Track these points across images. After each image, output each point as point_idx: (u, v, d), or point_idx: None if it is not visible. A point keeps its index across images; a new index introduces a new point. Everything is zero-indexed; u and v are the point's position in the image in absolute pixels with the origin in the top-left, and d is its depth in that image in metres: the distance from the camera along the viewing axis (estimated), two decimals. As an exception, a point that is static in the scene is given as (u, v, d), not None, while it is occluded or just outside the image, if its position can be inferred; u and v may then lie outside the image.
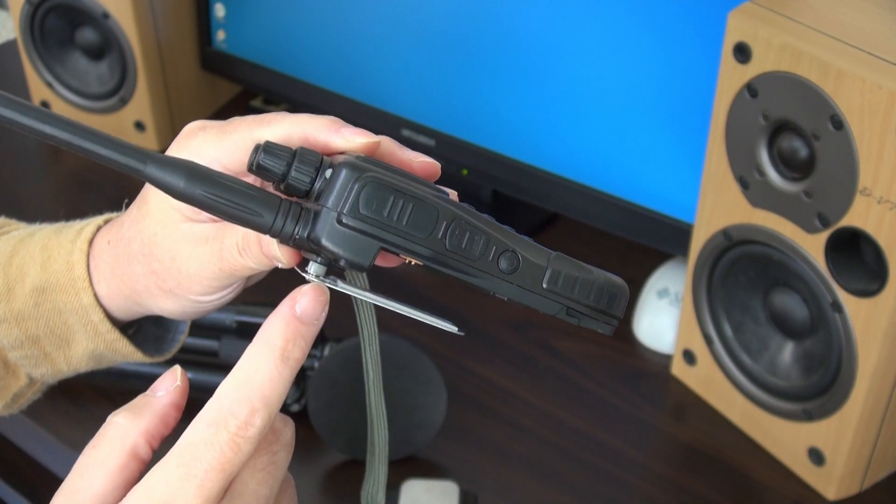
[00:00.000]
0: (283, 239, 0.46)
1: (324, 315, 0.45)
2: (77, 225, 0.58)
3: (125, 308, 0.56)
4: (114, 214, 0.58)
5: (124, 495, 0.42)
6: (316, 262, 0.47)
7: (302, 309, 0.44)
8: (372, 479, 0.59)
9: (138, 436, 0.45)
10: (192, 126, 0.51)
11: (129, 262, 0.54)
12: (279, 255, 0.48)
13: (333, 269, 0.47)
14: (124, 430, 0.44)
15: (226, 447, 0.44)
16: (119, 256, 0.54)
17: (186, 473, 0.43)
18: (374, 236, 0.45)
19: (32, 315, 0.57)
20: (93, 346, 0.58)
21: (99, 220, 0.58)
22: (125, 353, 0.58)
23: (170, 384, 0.48)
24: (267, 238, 0.48)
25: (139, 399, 0.46)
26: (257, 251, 0.49)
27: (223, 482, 0.43)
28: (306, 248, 0.47)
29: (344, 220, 0.44)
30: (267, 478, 0.45)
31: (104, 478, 0.43)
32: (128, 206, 0.57)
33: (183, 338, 0.63)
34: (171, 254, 0.52)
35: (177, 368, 0.48)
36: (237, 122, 0.49)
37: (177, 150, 0.50)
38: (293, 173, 0.45)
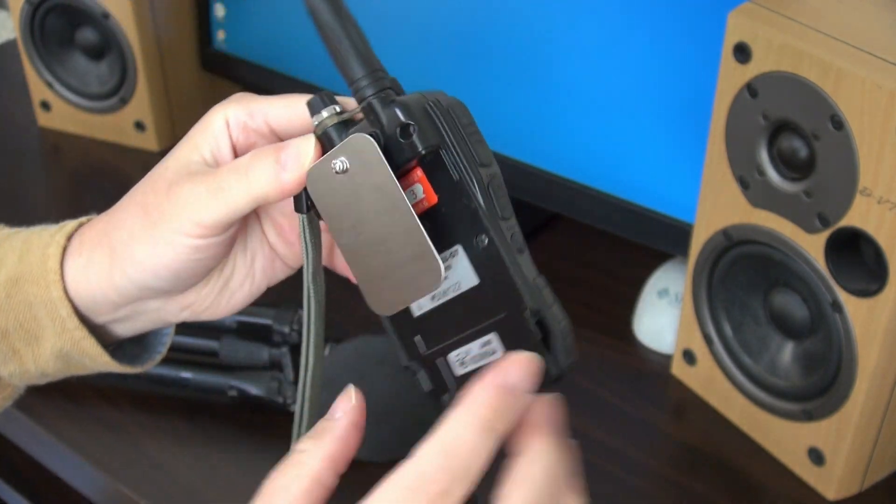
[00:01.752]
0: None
1: (535, 386, 0.45)
2: (66, 223, 0.57)
3: (96, 292, 0.54)
4: (95, 216, 0.58)
5: None
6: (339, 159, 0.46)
7: (511, 380, 0.44)
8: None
9: (321, 461, 0.45)
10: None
11: (122, 212, 0.53)
12: (308, 148, 0.47)
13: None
14: (307, 455, 0.45)
15: None
16: (112, 218, 0.54)
17: None
18: (448, 130, 0.46)
19: (3, 307, 0.56)
20: (60, 344, 0.56)
21: (83, 218, 0.57)
22: (92, 353, 0.56)
23: (346, 405, 0.47)
24: (295, 143, 0.48)
25: (319, 424, 0.46)
26: (270, 162, 0.48)
27: None
28: (369, 118, 0.47)
29: (429, 105, 0.46)
30: None
31: None
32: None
33: (159, 357, 0.61)
34: (169, 182, 0.51)
35: (350, 388, 0.47)
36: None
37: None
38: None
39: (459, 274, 0.47)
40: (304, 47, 1.13)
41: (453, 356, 0.49)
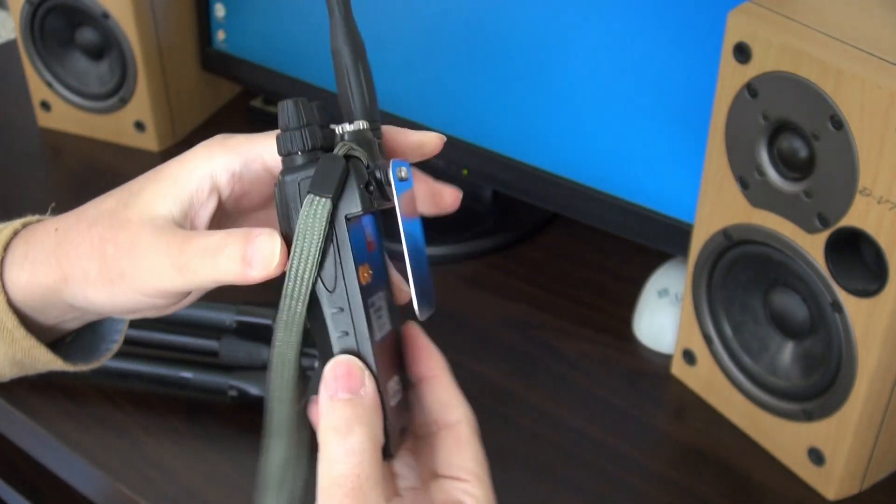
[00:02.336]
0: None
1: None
2: (2, 227, 0.56)
3: (42, 302, 0.54)
4: (34, 217, 0.56)
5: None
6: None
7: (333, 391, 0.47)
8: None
9: (381, 437, 0.47)
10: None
11: (77, 246, 0.51)
12: (274, 249, 0.47)
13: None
14: (374, 442, 0.46)
15: None
16: (64, 242, 0.52)
17: None
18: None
19: None
20: (11, 352, 0.55)
21: (17, 223, 0.56)
22: (44, 360, 0.56)
23: (356, 382, 0.47)
24: (260, 234, 0.47)
25: (355, 409, 0.46)
26: (237, 257, 0.48)
27: None
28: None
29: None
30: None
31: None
32: (53, 210, 0.57)
33: (116, 347, 0.60)
34: (132, 237, 0.50)
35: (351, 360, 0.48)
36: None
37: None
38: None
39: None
40: (304, 47, 1.13)
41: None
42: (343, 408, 0.45)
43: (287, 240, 0.48)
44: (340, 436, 0.45)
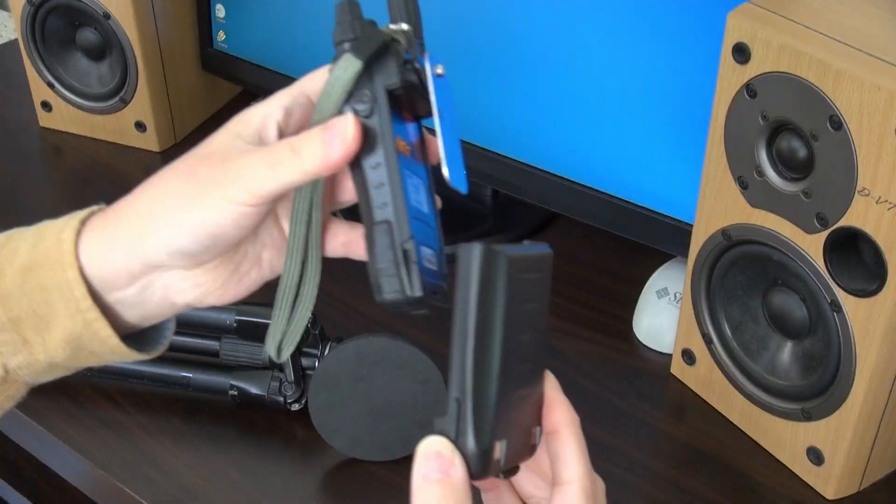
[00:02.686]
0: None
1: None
2: (77, 212, 0.59)
3: (123, 261, 0.56)
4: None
5: None
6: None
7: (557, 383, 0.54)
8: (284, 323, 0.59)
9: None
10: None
11: (157, 186, 0.55)
12: (347, 124, 0.52)
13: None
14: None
15: None
16: (147, 188, 0.56)
17: None
18: None
19: (17, 294, 0.56)
20: (71, 327, 0.56)
21: (94, 207, 0.59)
22: (102, 335, 0.57)
23: (451, 458, 0.48)
24: (340, 121, 0.53)
25: (444, 489, 0.47)
26: (318, 142, 0.52)
27: None
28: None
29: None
30: None
31: None
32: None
33: (169, 336, 0.63)
34: (220, 158, 0.54)
35: (441, 441, 0.49)
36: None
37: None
38: None
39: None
40: (305, 47, 1.13)
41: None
42: (432, 488, 0.47)
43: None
44: None
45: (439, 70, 0.55)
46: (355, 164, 0.54)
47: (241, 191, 0.53)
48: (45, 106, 1.24)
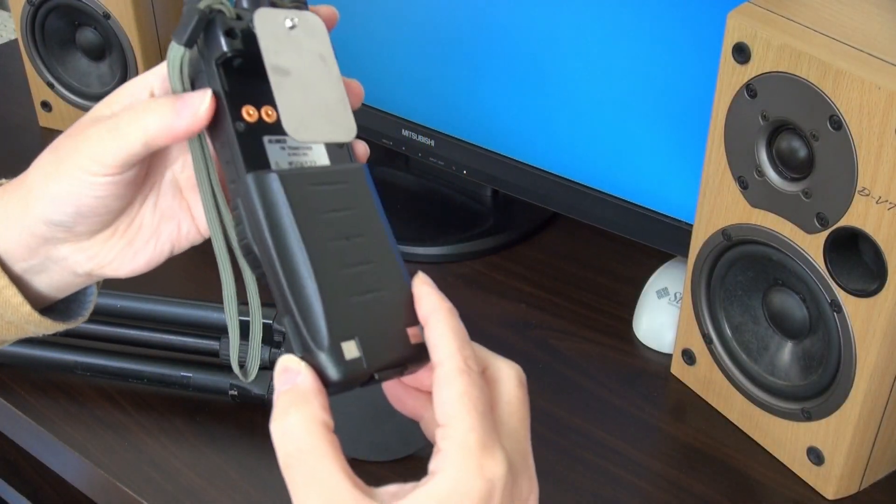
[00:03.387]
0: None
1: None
2: None
3: (16, 233, 0.57)
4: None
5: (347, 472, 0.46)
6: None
7: (425, 278, 0.52)
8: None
9: (323, 414, 0.47)
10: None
11: (39, 159, 0.56)
12: (205, 104, 0.52)
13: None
14: (311, 419, 0.47)
15: (481, 381, 0.49)
16: (31, 167, 0.57)
17: (479, 413, 0.47)
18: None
19: None
20: None
21: (3, 180, 0.60)
22: (14, 303, 0.58)
23: (295, 374, 0.48)
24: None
25: (289, 395, 0.47)
26: (166, 109, 0.52)
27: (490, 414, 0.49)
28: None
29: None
30: (529, 426, 0.51)
31: (337, 472, 0.45)
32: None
33: (90, 306, 0.63)
34: (81, 127, 0.55)
35: (288, 357, 0.49)
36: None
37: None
38: None
39: None
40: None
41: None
42: (281, 398, 0.47)
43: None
44: (278, 422, 0.47)
45: (292, 20, 0.53)
46: (214, 142, 0.54)
47: (87, 160, 0.53)
48: (45, 106, 1.24)
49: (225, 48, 0.52)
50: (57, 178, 0.54)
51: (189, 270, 1.00)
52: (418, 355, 0.51)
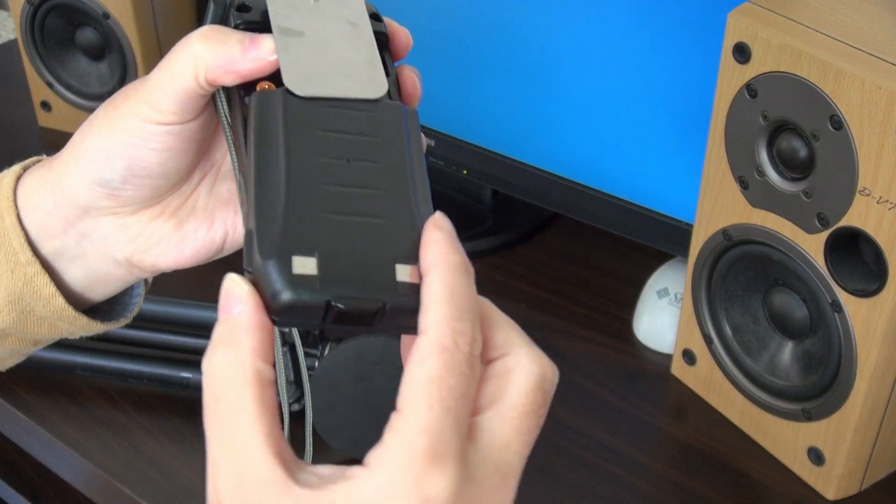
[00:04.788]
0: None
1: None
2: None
3: (52, 201, 0.52)
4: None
5: (279, 428, 0.38)
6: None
7: (443, 222, 0.41)
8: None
9: (253, 360, 0.39)
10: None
11: (91, 116, 0.52)
12: (271, 51, 0.46)
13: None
14: (236, 363, 0.39)
15: (468, 370, 0.38)
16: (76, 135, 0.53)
17: (445, 409, 0.37)
18: None
19: None
20: (13, 285, 0.53)
21: (43, 156, 0.56)
22: (46, 294, 0.53)
23: (235, 302, 0.39)
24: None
25: (222, 328, 0.39)
26: (234, 42, 0.47)
27: (469, 413, 0.38)
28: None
29: None
30: (530, 442, 0.40)
31: (254, 432, 0.38)
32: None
33: (136, 308, 0.58)
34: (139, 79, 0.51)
35: (231, 277, 0.40)
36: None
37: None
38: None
39: None
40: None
41: None
42: (216, 330, 0.40)
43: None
44: (206, 359, 0.39)
45: None
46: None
47: (142, 103, 0.49)
48: (45, 106, 1.24)
49: (232, 22, 0.49)
50: (109, 128, 0.50)
51: (189, 270, 1.00)
52: (405, 298, 0.40)
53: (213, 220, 0.54)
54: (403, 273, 0.41)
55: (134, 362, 0.90)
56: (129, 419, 0.90)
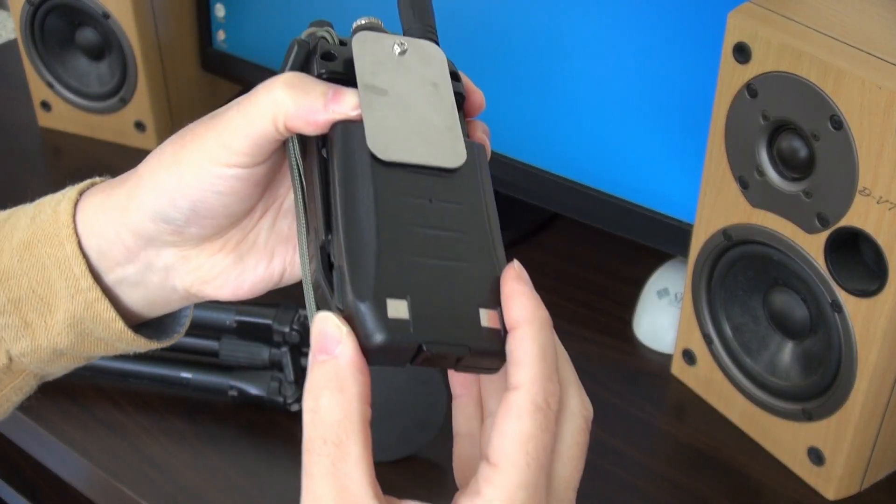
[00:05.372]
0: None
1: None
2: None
3: (114, 232, 0.52)
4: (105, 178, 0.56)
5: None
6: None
7: (523, 273, 0.45)
8: None
9: (360, 406, 0.41)
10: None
11: (158, 149, 0.52)
12: (354, 102, 0.46)
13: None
14: (344, 408, 0.41)
15: (555, 427, 0.42)
16: (141, 164, 0.53)
17: (539, 466, 0.41)
18: None
19: (16, 272, 0.54)
20: (73, 308, 0.54)
21: (97, 178, 0.56)
22: (105, 318, 0.54)
23: (335, 343, 0.41)
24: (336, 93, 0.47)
25: (325, 370, 0.41)
26: (318, 93, 0.47)
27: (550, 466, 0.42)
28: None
29: None
30: (580, 475, 0.44)
31: (361, 474, 0.40)
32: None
33: (185, 325, 0.60)
34: (213, 115, 0.50)
35: (328, 317, 0.42)
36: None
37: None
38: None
39: None
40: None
41: None
42: (316, 372, 0.42)
43: None
44: (310, 399, 0.41)
45: (360, 22, 0.50)
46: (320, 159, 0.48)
47: (213, 145, 0.49)
48: (45, 106, 1.24)
49: (315, 71, 0.49)
50: (176, 167, 0.50)
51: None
52: (488, 343, 0.43)
53: (273, 256, 0.55)
54: (485, 318, 0.43)
55: (134, 362, 0.90)
56: (129, 419, 0.90)
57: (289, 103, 0.47)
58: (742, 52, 0.76)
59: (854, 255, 0.76)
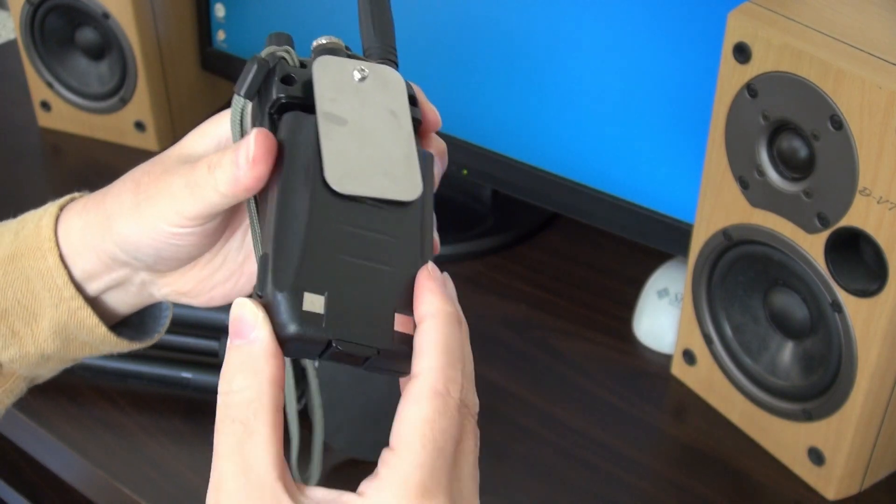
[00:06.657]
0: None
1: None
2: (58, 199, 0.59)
3: (94, 253, 0.55)
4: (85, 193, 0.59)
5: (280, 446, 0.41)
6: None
7: (435, 273, 0.45)
8: None
9: (270, 389, 0.42)
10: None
11: (120, 185, 0.54)
12: (250, 146, 0.47)
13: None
14: (255, 390, 0.42)
15: (457, 414, 0.42)
16: (112, 188, 0.55)
17: (437, 448, 0.41)
18: None
19: (2, 285, 0.56)
20: (57, 317, 0.56)
21: (76, 193, 0.59)
22: (89, 324, 0.57)
23: (250, 328, 0.43)
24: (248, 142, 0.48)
25: (240, 354, 0.42)
26: (228, 162, 0.48)
27: (454, 452, 0.42)
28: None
29: None
30: (476, 463, 0.44)
31: (265, 455, 0.41)
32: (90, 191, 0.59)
33: (166, 324, 0.62)
34: (165, 168, 0.52)
35: (244, 303, 0.43)
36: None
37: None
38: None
39: None
40: (304, 48, 1.13)
41: None
42: (232, 355, 0.43)
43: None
44: (224, 382, 0.42)
45: (321, 40, 0.51)
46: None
47: (167, 210, 0.51)
48: (45, 106, 1.24)
49: (275, 94, 0.49)
50: (137, 221, 0.52)
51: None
52: (397, 346, 0.44)
53: (243, 272, 0.57)
54: (399, 322, 0.45)
55: (134, 362, 0.90)
56: (129, 419, 0.90)
57: (221, 184, 0.49)
58: (742, 52, 0.76)
59: (854, 255, 0.76)
